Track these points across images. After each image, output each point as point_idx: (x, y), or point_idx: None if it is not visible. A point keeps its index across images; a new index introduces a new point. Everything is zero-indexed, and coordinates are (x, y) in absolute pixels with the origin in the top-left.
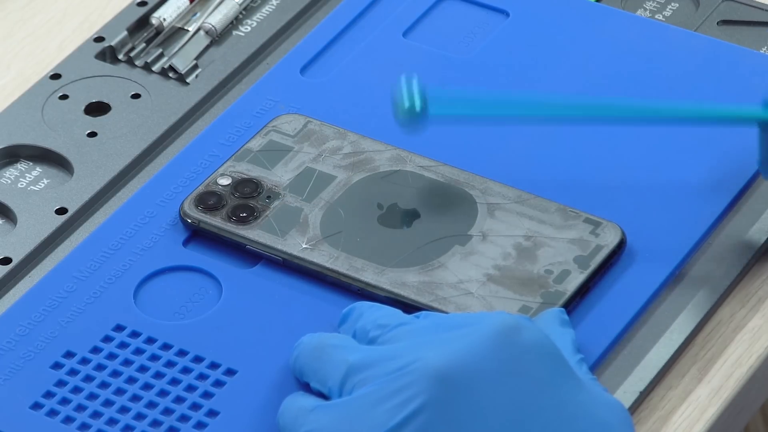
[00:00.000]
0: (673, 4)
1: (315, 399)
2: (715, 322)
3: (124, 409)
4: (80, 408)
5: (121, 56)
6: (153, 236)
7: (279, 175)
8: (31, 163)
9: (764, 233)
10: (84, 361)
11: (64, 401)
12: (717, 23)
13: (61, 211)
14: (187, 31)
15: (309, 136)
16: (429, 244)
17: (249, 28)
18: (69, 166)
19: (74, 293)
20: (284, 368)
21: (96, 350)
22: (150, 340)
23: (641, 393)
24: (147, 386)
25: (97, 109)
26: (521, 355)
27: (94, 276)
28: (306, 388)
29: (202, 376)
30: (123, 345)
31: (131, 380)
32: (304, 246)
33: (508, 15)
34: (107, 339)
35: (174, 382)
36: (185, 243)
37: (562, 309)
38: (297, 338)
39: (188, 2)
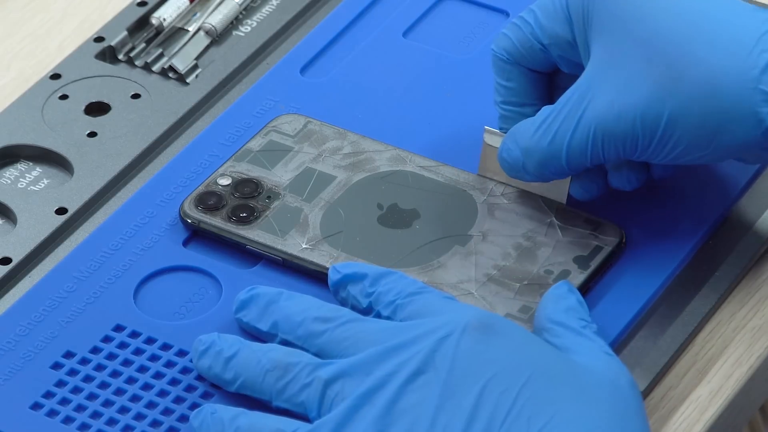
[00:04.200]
0: None
1: (290, 421)
2: (715, 322)
3: (124, 410)
4: (80, 408)
5: (121, 56)
6: (153, 236)
7: (279, 175)
8: (31, 163)
9: (764, 233)
10: (84, 361)
11: (64, 401)
12: None
13: (61, 211)
14: (187, 31)
15: (309, 136)
16: (429, 244)
17: (249, 28)
18: (69, 166)
19: (74, 293)
20: None
21: (96, 350)
22: (150, 340)
23: (641, 393)
24: (147, 386)
25: (97, 109)
26: (497, 358)
27: (94, 276)
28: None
29: (201, 376)
30: (123, 345)
31: (131, 380)
32: (304, 246)
33: (508, 15)
34: (107, 339)
35: (174, 382)
36: (185, 243)
37: (559, 285)
38: None
39: (188, 2)
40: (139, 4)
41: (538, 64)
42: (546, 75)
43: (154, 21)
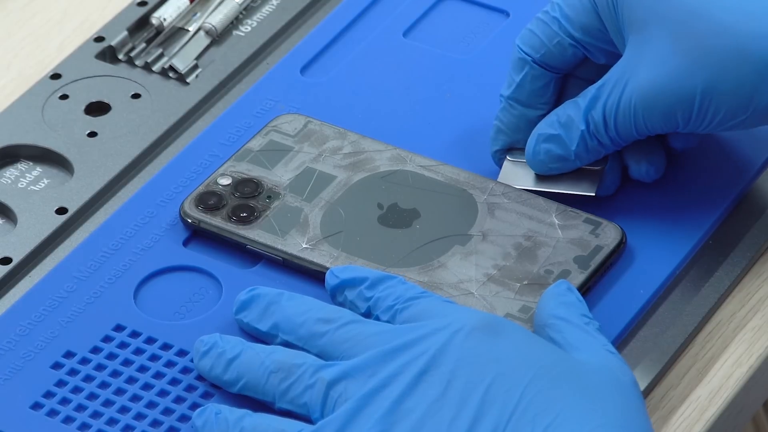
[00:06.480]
0: None
1: (294, 423)
2: (715, 322)
3: (124, 409)
4: (80, 408)
5: (121, 56)
6: (153, 236)
7: (279, 175)
8: (31, 163)
9: (764, 233)
10: (84, 361)
11: (64, 401)
12: None
13: (61, 211)
14: (188, 31)
15: (309, 136)
16: (429, 244)
17: (249, 28)
18: (69, 166)
19: (74, 293)
20: None
21: (96, 350)
22: (150, 340)
23: (641, 393)
24: (147, 386)
25: (97, 109)
26: (499, 357)
27: (94, 276)
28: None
29: (202, 376)
30: (123, 345)
31: (131, 380)
32: (304, 246)
33: (508, 15)
34: (107, 339)
35: (174, 382)
36: (185, 243)
37: (558, 284)
38: None
39: (188, 2)
40: (139, 4)
41: (562, 62)
42: (560, 77)
43: (154, 21)
